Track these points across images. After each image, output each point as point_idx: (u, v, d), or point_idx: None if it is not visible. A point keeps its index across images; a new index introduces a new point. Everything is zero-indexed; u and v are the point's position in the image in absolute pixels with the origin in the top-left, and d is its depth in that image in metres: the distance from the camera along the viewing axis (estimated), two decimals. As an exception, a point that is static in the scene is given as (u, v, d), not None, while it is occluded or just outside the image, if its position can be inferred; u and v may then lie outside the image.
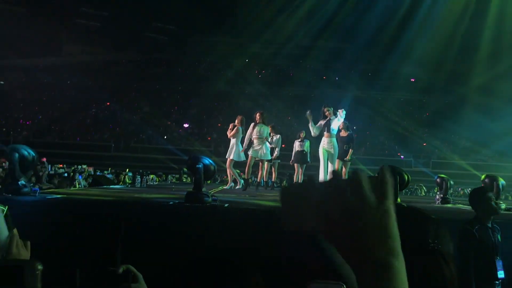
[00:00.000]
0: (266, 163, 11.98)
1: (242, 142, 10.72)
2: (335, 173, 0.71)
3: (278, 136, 12.61)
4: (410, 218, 1.08)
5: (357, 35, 29.38)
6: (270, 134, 11.87)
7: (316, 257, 0.91)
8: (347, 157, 10.87)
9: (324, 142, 10.54)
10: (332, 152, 10.39)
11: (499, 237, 4.14)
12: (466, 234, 3.92)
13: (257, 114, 10.77)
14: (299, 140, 12.69)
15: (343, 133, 11.11)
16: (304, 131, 12.70)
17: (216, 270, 4.58)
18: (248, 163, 10.70)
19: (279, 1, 28.74)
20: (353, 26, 29.15)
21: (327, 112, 10.31)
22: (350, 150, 10.98)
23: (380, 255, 0.64)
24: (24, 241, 1.58)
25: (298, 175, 12.68)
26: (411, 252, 0.98)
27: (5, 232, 1.55)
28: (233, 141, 10.69)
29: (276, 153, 12.27)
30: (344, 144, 10.96)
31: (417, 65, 29.03)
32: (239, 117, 10.83)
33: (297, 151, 12.60)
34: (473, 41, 27.15)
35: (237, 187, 11.13)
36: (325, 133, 10.55)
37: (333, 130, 10.47)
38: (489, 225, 4.12)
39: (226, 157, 10.80)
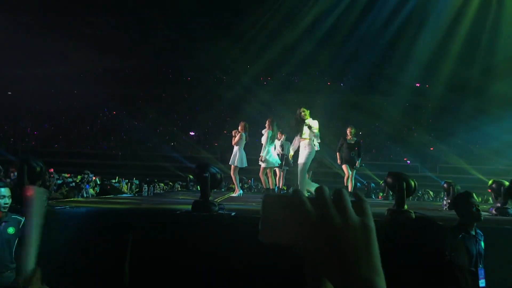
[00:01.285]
0: (278, 169, 12.09)
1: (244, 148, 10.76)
2: (320, 190, 0.71)
3: (280, 141, 12.55)
4: (426, 229, 1.11)
5: (361, 40, 29.37)
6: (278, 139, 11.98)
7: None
8: (357, 165, 11.06)
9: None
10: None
11: (482, 244, 3.87)
12: (462, 245, 3.78)
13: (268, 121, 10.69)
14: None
15: (351, 140, 11.12)
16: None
17: (224, 279, 4.59)
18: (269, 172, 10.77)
19: (284, 9, 28.79)
20: (358, 31, 29.14)
21: (303, 113, 9.50)
22: (359, 158, 11.02)
23: (364, 273, 0.64)
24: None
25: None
26: (429, 264, 1.00)
27: (33, 265, 1.59)
28: (236, 147, 10.71)
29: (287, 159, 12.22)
30: (351, 151, 10.95)
31: (422, 69, 28.93)
32: (242, 123, 10.82)
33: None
34: (487, 48, 27.01)
35: (234, 194, 11.12)
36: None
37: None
38: (473, 232, 3.92)
39: (230, 163, 10.80)
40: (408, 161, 28.81)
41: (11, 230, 4.32)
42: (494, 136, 25.57)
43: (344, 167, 11.65)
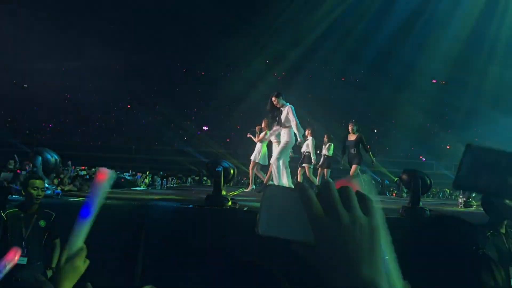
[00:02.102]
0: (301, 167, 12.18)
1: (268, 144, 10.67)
2: (327, 185, 0.69)
3: (311, 139, 12.42)
4: (457, 227, 1.08)
5: (378, 35, 29.12)
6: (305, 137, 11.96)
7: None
8: (373, 162, 10.79)
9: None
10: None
11: None
12: (491, 240, 3.73)
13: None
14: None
15: (351, 136, 10.62)
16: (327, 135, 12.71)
17: (238, 274, 4.57)
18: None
19: (297, 2, 28.66)
20: (374, 26, 28.91)
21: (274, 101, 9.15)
22: (370, 153, 10.65)
23: (367, 273, 0.63)
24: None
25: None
26: (463, 259, 0.97)
27: (81, 243, 1.60)
28: (259, 144, 10.64)
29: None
30: (352, 147, 10.49)
31: (440, 65, 28.62)
32: (266, 121, 10.66)
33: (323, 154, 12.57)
34: (507, 41, 26.63)
35: (246, 190, 11.08)
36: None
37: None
38: (503, 231, 3.87)
39: (252, 158, 10.73)
40: (424, 159, 28.57)
41: (42, 223, 4.38)
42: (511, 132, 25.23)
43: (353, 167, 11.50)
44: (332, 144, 12.83)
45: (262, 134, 10.55)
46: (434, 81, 30.94)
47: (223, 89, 30.78)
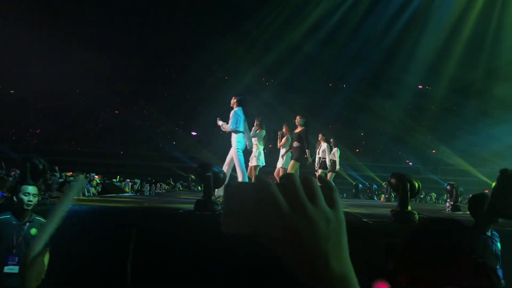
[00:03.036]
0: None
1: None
2: (290, 177, 0.66)
3: (325, 144, 12.63)
4: (457, 232, 1.08)
5: (365, 41, 29.32)
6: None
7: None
8: (297, 156, 9.80)
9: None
10: None
11: (498, 245, 3.95)
12: (488, 247, 3.79)
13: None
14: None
15: (296, 129, 10.15)
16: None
17: (226, 278, 4.58)
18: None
19: (289, 9, 28.75)
20: (360, 32, 29.09)
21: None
22: (307, 150, 9.77)
23: (336, 266, 0.62)
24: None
25: None
26: (465, 265, 0.98)
27: (42, 245, 1.61)
28: (283, 150, 10.66)
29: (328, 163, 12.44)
30: (295, 140, 9.98)
31: (425, 71, 28.86)
32: (286, 126, 10.79)
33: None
34: (488, 49, 26.91)
35: None
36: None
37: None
38: (489, 233, 3.96)
39: (278, 166, 10.74)
40: (410, 163, 28.78)
41: (34, 231, 4.31)
42: (497, 138, 25.53)
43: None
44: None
45: (284, 139, 10.58)
46: (420, 87, 31.20)
47: (212, 94, 30.74)
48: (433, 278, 1.00)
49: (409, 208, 5.58)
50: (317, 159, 12.54)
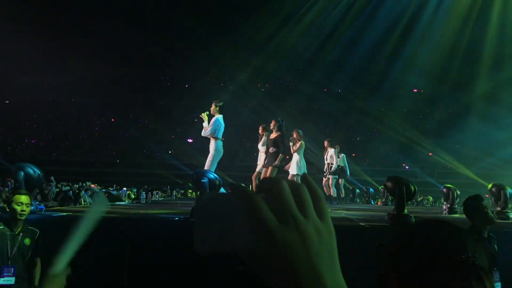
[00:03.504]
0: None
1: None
2: (278, 184, 0.57)
3: (333, 150, 12.92)
4: (447, 232, 1.07)
5: (358, 46, 29.41)
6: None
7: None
8: (276, 162, 9.32)
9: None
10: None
11: (495, 247, 3.98)
12: (481, 249, 3.76)
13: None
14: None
15: (272, 135, 9.67)
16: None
17: (223, 285, 4.55)
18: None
19: (281, 14, 28.82)
20: (354, 37, 29.19)
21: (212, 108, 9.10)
22: (280, 155, 9.40)
23: (330, 283, 0.55)
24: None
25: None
26: (455, 265, 0.97)
27: (66, 262, 1.61)
28: (296, 156, 10.67)
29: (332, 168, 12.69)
30: (271, 146, 9.56)
31: (420, 75, 28.97)
32: (297, 131, 10.84)
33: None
34: (476, 49, 27.05)
35: None
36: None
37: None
38: (485, 235, 3.96)
39: (290, 172, 10.72)
40: (407, 167, 28.82)
41: (27, 241, 4.29)
42: (485, 136, 25.78)
43: None
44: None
45: (298, 145, 10.61)
46: (415, 90, 31.30)
47: (207, 101, 30.72)
48: (423, 279, 0.99)
49: (406, 211, 5.59)
50: (326, 165, 12.78)
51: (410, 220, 5.40)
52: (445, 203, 9.48)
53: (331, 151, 12.79)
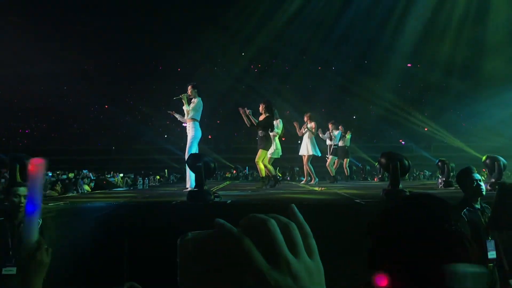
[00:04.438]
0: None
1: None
2: (265, 224, 0.55)
3: (338, 131, 13.19)
4: (432, 204, 1.10)
5: (350, 22, 29.14)
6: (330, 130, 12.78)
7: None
8: (264, 145, 9.27)
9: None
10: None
11: None
12: (462, 216, 3.85)
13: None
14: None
15: (261, 117, 9.54)
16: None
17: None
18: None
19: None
20: (344, 14, 28.91)
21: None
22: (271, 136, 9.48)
23: None
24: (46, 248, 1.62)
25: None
26: (437, 234, 1.00)
27: (36, 236, 1.59)
28: (306, 138, 10.82)
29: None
30: (260, 129, 9.41)
31: (414, 50, 28.84)
32: (310, 114, 11.00)
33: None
34: (471, 23, 26.89)
35: (312, 182, 11.20)
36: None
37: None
38: (478, 206, 4.04)
39: (303, 153, 10.91)
40: (403, 142, 28.91)
41: None
42: (487, 113, 25.73)
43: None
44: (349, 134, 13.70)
45: (313, 125, 10.79)
46: (409, 65, 31.21)
47: (201, 86, 30.56)
48: (410, 251, 1.01)
49: (401, 186, 5.63)
50: (329, 146, 12.99)
51: (405, 195, 5.44)
52: (440, 176, 9.55)
53: (335, 133, 13.05)
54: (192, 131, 8.52)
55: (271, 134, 9.57)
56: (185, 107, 8.56)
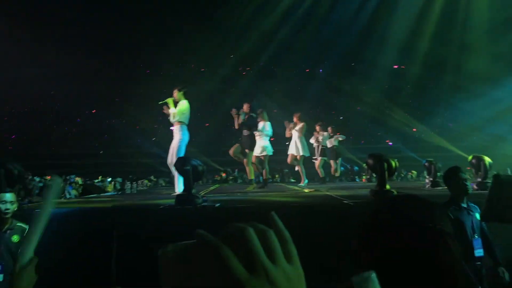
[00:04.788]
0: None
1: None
2: (244, 232, 0.55)
3: (326, 133, 13.15)
4: (415, 204, 1.12)
5: (336, 24, 29.27)
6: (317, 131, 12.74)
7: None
8: (249, 147, 9.55)
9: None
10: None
11: (477, 215, 4.09)
12: (446, 215, 3.86)
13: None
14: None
15: (247, 117, 9.74)
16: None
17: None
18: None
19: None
20: (331, 16, 29.03)
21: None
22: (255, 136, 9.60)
23: None
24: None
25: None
26: (421, 234, 1.02)
27: (31, 254, 1.61)
28: (296, 138, 10.84)
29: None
30: (244, 129, 9.65)
31: (399, 51, 29.01)
32: (299, 114, 11.02)
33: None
34: (461, 25, 27.14)
35: (301, 183, 11.17)
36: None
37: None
38: (464, 205, 4.09)
39: (295, 153, 10.89)
40: (390, 143, 29.08)
41: (15, 238, 4.23)
42: (472, 113, 26.02)
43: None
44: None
45: (301, 127, 10.81)
46: (396, 66, 31.40)
47: (188, 87, 30.49)
48: (392, 251, 1.03)
49: (388, 186, 5.67)
50: (317, 148, 12.95)
51: (392, 195, 5.48)
52: (427, 176, 9.63)
53: (324, 134, 13.02)
54: (180, 134, 8.46)
55: (256, 134, 9.66)
56: (171, 110, 8.51)
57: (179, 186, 7.84)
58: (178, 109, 8.36)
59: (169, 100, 8.47)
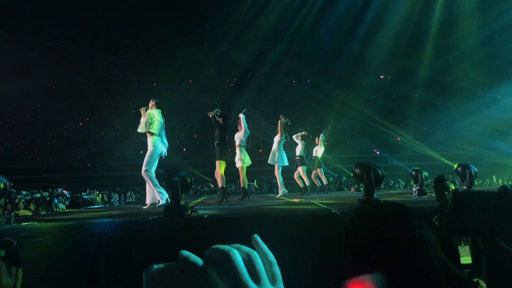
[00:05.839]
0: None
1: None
2: (228, 255, 0.56)
3: (303, 143, 13.05)
4: (396, 213, 1.14)
5: (321, 35, 29.52)
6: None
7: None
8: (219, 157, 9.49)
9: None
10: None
11: None
12: (426, 224, 3.91)
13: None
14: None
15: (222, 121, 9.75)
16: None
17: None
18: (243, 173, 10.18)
19: (243, 10, 28.73)
20: (316, 27, 29.26)
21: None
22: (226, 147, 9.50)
23: None
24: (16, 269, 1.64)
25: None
26: (402, 242, 1.04)
27: None
28: (277, 147, 10.78)
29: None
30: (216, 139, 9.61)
31: (385, 59, 29.28)
32: (280, 121, 11.07)
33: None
34: (439, 36, 27.53)
35: (279, 195, 11.07)
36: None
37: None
38: None
39: (271, 162, 10.85)
40: (378, 152, 29.26)
41: (2, 252, 4.17)
42: (457, 123, 26.39)
43: None
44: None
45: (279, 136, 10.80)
46: (382, 77, 31.71)
47: (175, 99, 30.49)
48: (374, 259, 1.05)
49: (375, 195, 5.72)
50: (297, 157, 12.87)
51: (376, 203, 5.52)
52: (414, 185, 9.70)
53: (302, 144, 12.91)
54: (150, 145, 8.47)
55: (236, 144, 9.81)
56: (142, 119, 8.51)
57: (151, 197, 7.88)
58: (145, 120, 8.25)
59: (142, 110, 8.48)
